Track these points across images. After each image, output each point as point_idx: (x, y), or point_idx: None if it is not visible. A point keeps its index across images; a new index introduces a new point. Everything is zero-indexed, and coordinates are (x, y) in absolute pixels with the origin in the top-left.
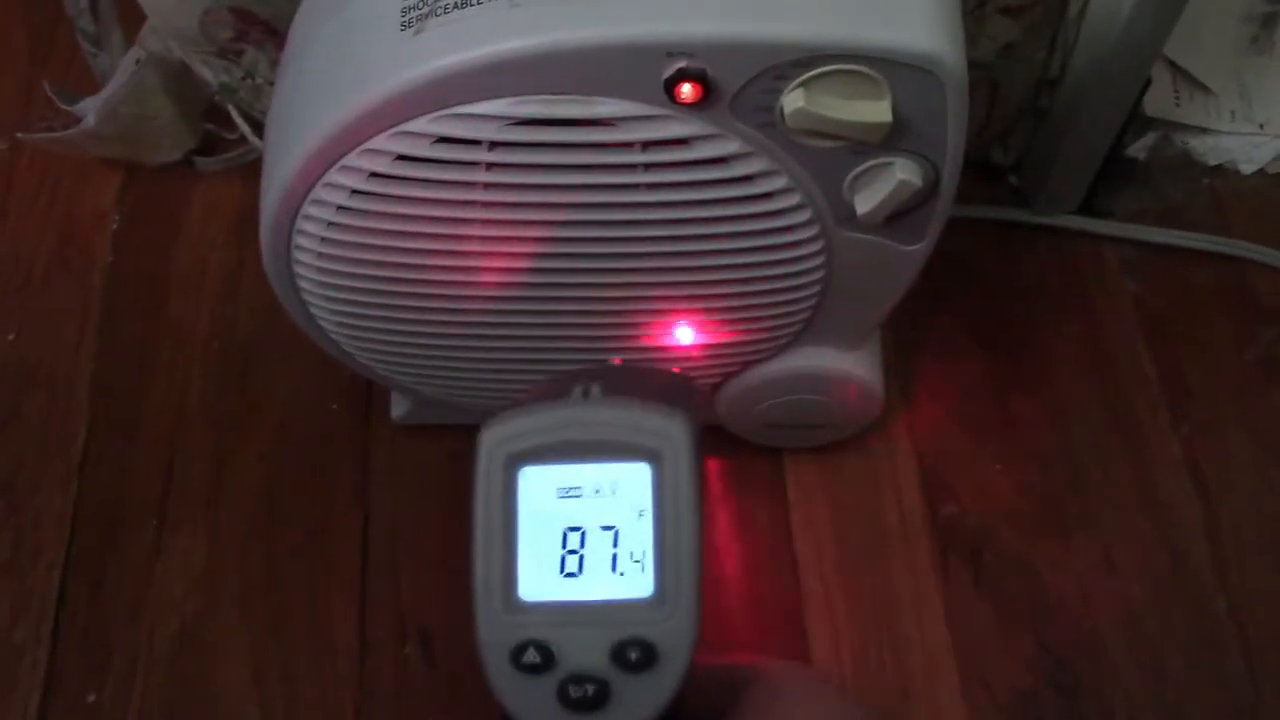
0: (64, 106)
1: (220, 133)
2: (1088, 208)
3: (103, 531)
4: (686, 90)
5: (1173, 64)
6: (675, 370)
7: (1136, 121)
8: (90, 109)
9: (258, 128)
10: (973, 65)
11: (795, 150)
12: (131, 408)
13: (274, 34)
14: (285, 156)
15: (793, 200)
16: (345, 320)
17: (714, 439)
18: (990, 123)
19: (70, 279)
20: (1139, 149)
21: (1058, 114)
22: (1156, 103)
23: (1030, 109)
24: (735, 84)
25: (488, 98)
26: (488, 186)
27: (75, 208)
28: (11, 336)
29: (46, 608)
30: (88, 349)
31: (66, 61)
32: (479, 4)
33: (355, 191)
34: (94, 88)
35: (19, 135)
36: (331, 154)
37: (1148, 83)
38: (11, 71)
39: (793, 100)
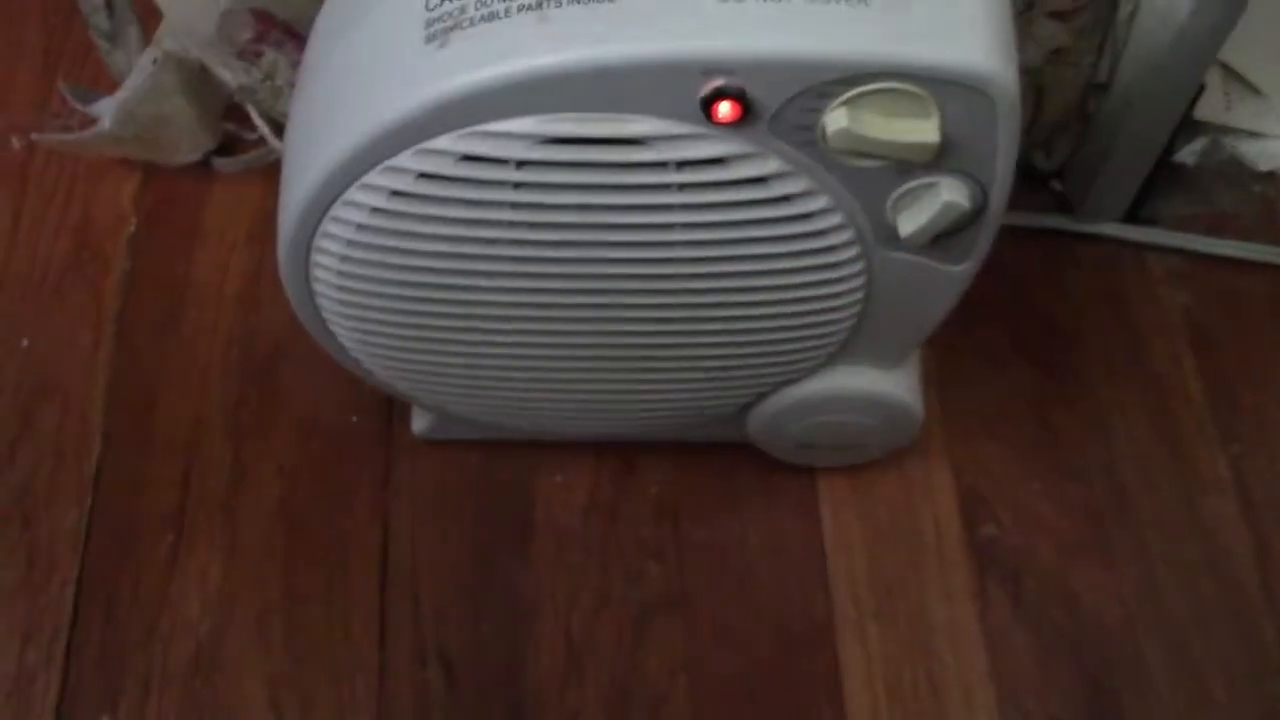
0: (79, 107)
1: (240, 133)
2: (1134, 215)
3: (118, 547)
4: (724, 109)
5: (1224, 66)
6: None
7: (1185, 126)
8: (106, 110)
9: (278, 129)
10: (1019, 71)
11: (836, 170)
12: (148, 418)
13: (294, 36)
14: (304, 172)
15: (833, 221)
16: (366, 339)
17: (743, 456)
18: (1034, 128)
19: (86, 284)
20: (1188, 154)
21: (1105, 119)
22: (1207, 106)
23: (1077, 114)
24: (775, 103)
25: (515, 115)
26: (515, 206)
27: (91, 210)
28: (25, 343)
29: (60, 627)
30: (103, 357)
31: (82, 59)
32: (506, 17)
33: (376, 210)
34: (111, 87)
35: (33, 136)
36: (351, 171)
37: (1201, 87)
38: (27, 69)
39: (835, 119)
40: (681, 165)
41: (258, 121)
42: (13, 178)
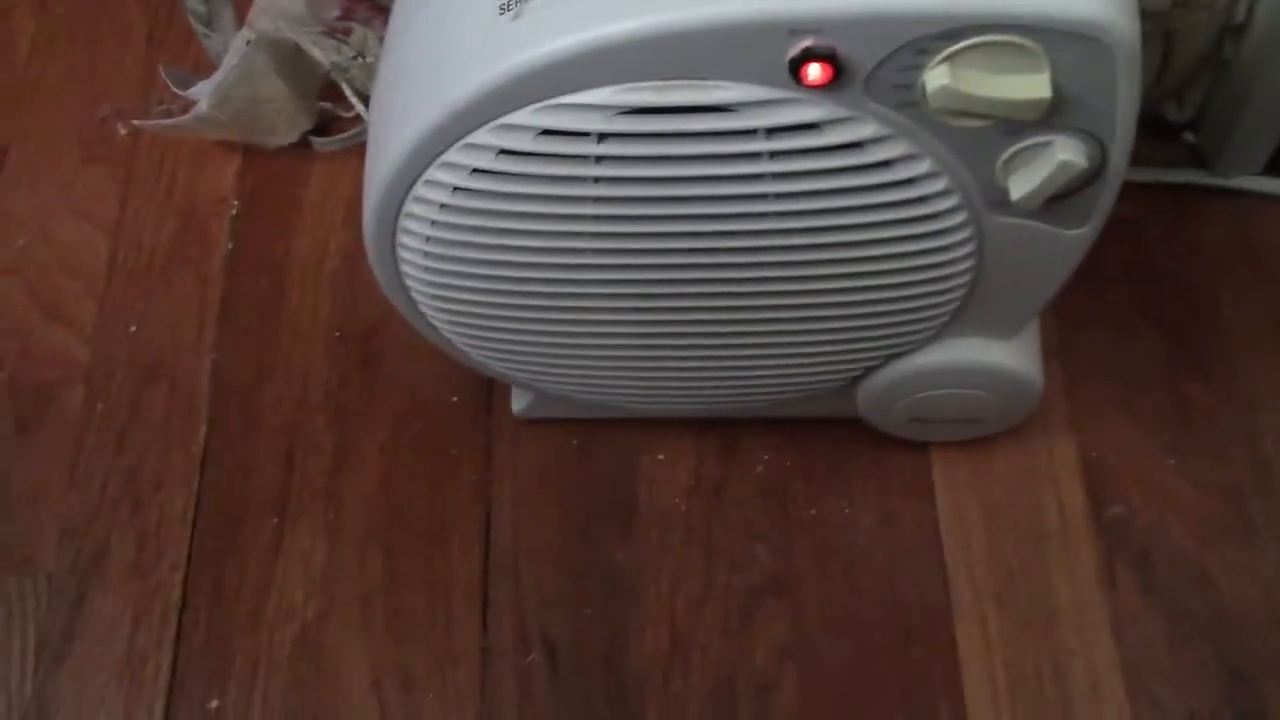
0: (178, 91)
1: (337, 111)
2: (1275, 167)
3: (224, 530)
4: (814, 71)
5: None
6: None
7: None
8: (204, 93)
9: None
10: (1145, 16)
11: (939, 131)
12: (252, 400)
13: (382, 11)
14: (385, 152)
15: (938, 186)
16: (456, 319)
17: (853, 432)
18: (1164, 77)
19: (189, 267)
20: None
21: (1242, 65)
22: None
23: (1210, 60)
24: (869, 62)
25: (594, 86)
26: (598, 180)
27: (194, 194)
28: (133, 329)
29: (169, 611)
30: (208, 340)
31: (185, 45)
32: None
33: (458, 189)
34: (211, 71)
35: (134, 122)
36: (431, 150)
37: None
38: (131, 57)
39: (936, 77)
40: (771, 132)
41: (353, 99)
42: (119, 164)
